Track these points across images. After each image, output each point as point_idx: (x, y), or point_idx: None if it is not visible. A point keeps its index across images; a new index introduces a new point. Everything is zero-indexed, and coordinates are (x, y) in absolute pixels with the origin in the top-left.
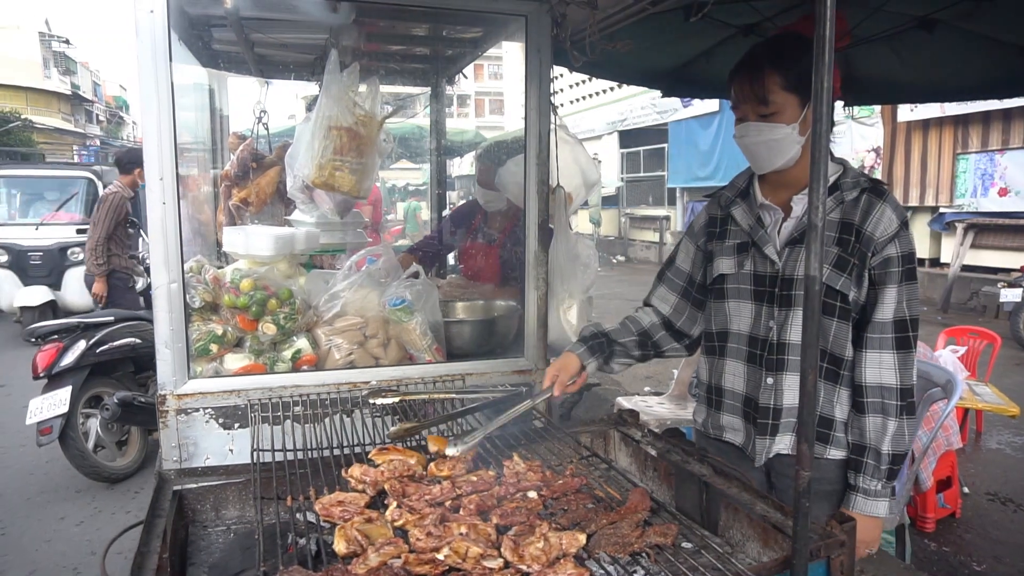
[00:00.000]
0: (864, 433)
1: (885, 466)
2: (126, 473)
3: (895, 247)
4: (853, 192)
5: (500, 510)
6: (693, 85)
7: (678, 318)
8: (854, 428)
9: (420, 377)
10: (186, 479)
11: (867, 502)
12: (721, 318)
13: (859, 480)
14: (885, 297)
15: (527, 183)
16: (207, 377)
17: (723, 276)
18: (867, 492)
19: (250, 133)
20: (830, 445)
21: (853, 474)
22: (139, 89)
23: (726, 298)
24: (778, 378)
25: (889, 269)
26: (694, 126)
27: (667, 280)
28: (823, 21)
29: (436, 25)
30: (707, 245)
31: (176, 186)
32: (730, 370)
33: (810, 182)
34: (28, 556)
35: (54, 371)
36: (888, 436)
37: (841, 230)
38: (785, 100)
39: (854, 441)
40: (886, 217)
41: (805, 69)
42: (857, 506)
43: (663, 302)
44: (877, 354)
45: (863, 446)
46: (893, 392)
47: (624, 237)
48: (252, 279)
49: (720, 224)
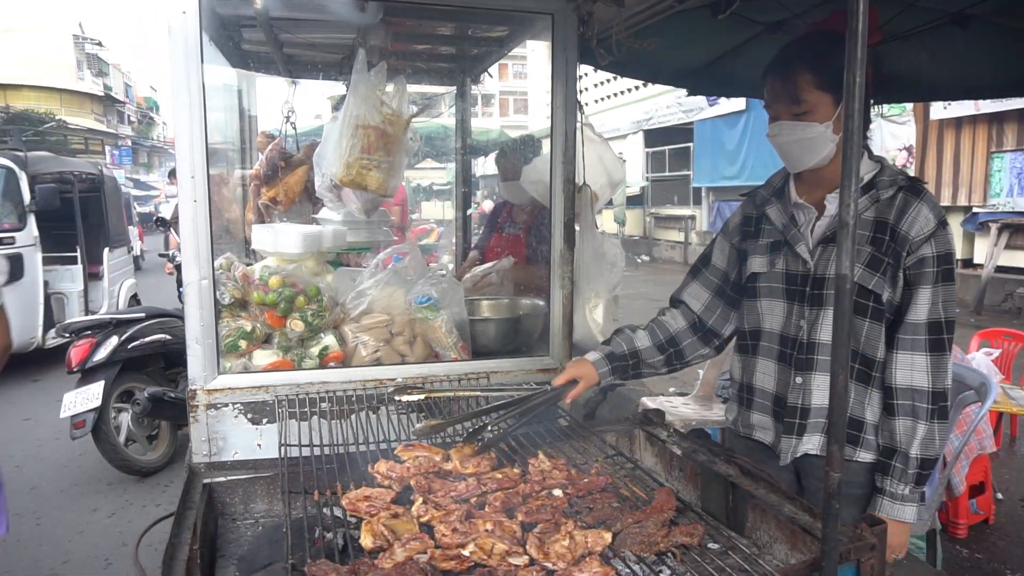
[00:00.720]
0: (894, 436)
1: (913, 470)
2: (156, 467)
3: (931, 247)
4: (889, 191)
5: (525, 508)
6: (720, 83)
7: (710, 316)
8: (884, 430)
9: (445, 375)
10: (216, 473)
11: (894, 506)
12: (754, 317)
13: (886, 483)
14: (919, 298)
15: (553, 181)
16: (236, 373)
17: (756, 275)
18: (894, 496)
19: (278, 132)
20: (860, 447)
21: (880, 477)
22: (171, 89)
23: (758, 297)
24: (807, 377)
25: (924, 269)
26: (720, 125)
27: (701, 277)
28: (856, 16)
29: (462, 24)
30: (741, 244)
31: (207, 184)
32: (761, 369)
33: (841, 180)
34: (62, 547)
35: (87, 366)
36: (917, 440)
37: (875, 229)
38: (818, 99)
39: (883, 444)
40: (922, 216)
41: (838, 67)
42: (884, 510)
43: (695, 299)
44: (909, 356)
45: (892, 449)
46: (924, 395)
47: (649, 237)
48: (281, 276)
49: (755, 223)
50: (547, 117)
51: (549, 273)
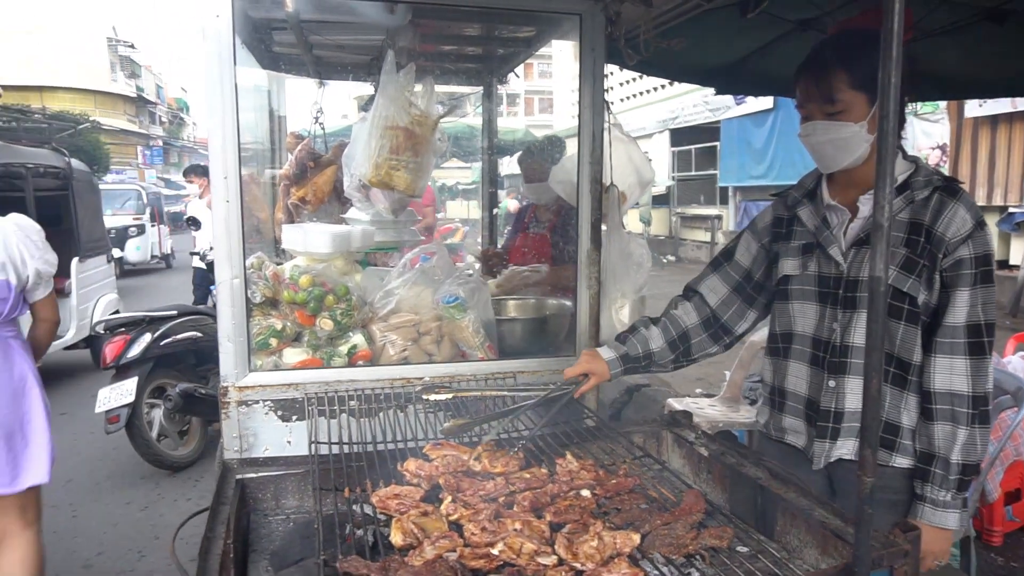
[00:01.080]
0: (932, 441)
1: (955, 476)
2: (187, 462)
3: (968, 248)
4: (924, 191)
5: (554, 508)
6: (748, 82)
7: (725, 311)
8: (922, 436)
9: (472, 374)
10: (248, 469)
11: (935, 513)
12: (785, 319)
13: (926, 490)
14: (957, 300)
15: (580, 182)
16: (267, 370)
17: (788, 277)
18: (935, 503)
19: (307, 133)
20: (896, 452)
21: (920, 483)
22: (204, 92)
23: (790, 299)
24: (840, 381)
25: (961, 271)
26: (747, 124)
27: (722, 271)
28: (891, 14)
29: (490, 25)
30: (772, 245)
31: (239, 185)
32: (793, 372)
33: (876, 181)
34: (96, 538)
35: (121, 362)
36: (958, 445)
37: (910, 231)
38: (852, 98)
39: (922, 449)
40: (959, 217)
41: (872, 66)
42: (925, 516)
43: (712, 292)
44: (948, 359)
45: (931, 455)
46: (964, 399)
47: (675, 236)
48: (311, 276)
49: (786, 224)
50: (573, 116)
51: (576, 273)
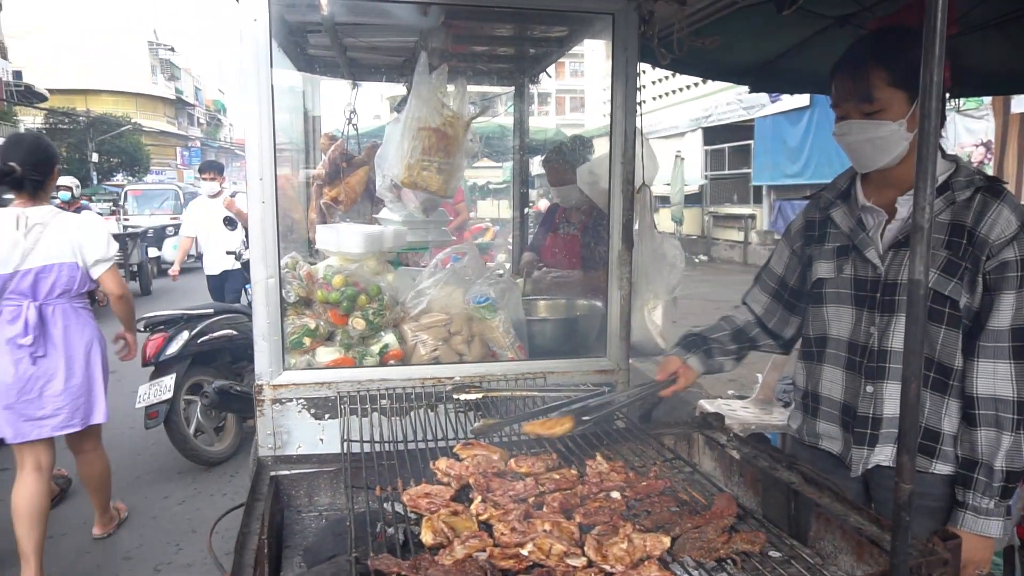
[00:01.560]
0: (975, 447)
1: (998, 483)
2: (222, 457)
3: (1013, 250)
4: (966, 192)
5: (583, 509)
6: (783, 80)
7: (770, 319)
8: (964, 442)
9: (502, 374)
10: (282, 466)
11: (977, 520)
12: (819, 323)
13: (969, 497)
14: (1002, 303)
15: (612, 182)
16: (300, 369)
17: (822, 280)
18: (977, 510)
19: (340, 134)
20: (936, 459)
21: (962, 491)
22: (242, 93)
23: (824, 303)
24: (878, 386)
25: (1006, 274)
26: (782, 122)
27: (760, 281)
28: (935, 10)
29: (522, 25)
30: (804, 249)
31: (275, 186)
32: (828, 376)
33: (915, 181)
34: (136, 531)
35: (160, 359)
36: (1002, 451)
37: (951, 232)
38: (891, 96)
39: (964, 456)
40: (1003, 218)
41: (912, 63)
42: (966, 524)
43: (755, 303)
44: (991, 364)
45: (974, 461)
46: (1009, 405)
47: (707, 236)
48: (343, 276)
49: (819, 227)
50: (604, 115)
51: (607, 274)
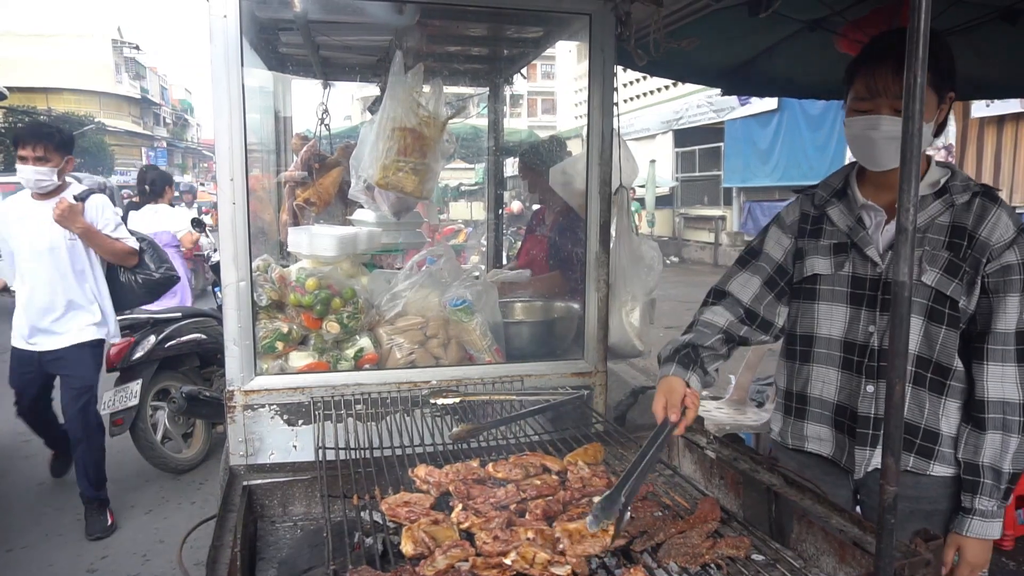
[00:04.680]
0: (979, 451)
1: (1004, 485)
2: (191, 464)
3: (1015, 253)
4: (964, 196)
5: (566, 515)
6: (755, 83)
7: (758, 306)
8: (968, 445)
9: (479, 378)
10: (255, 475)
11: (984, 524)
12: (808, 321)
13: (976, 502)
14: (1007, 307)
15: (589, 184)
16: (273, 374)
17: (817, 276)
18: (984, 514)
19: (312, 134)
20: (934, 460)
21: (970, 496)
22: (212, 93)
23: (816, 300)
24: (880, 386)
25: (1009, 277)
26: (752, 124)
27: (751, 267)
28: (918, 13)
29: (498, 25)
30: (798, 241)
31: (246, 187)
32: (819, 376)
33: (900, 183)
34: (101, 542)
35: (126, 364)
36: (1009, 454)
37: (952, 234)
38: (928, 98)
39: (967, 459)
40: (1002, 222)
41: (944, 68)
42: (973, 530)
43: (745, 289)
44: (999, 367)
45: (977, 464)
46: (1016, 407)
47: (678, 237)
48: (317, 278)
49: (812, 222)
50: (576, 117)
51: (584, 275)
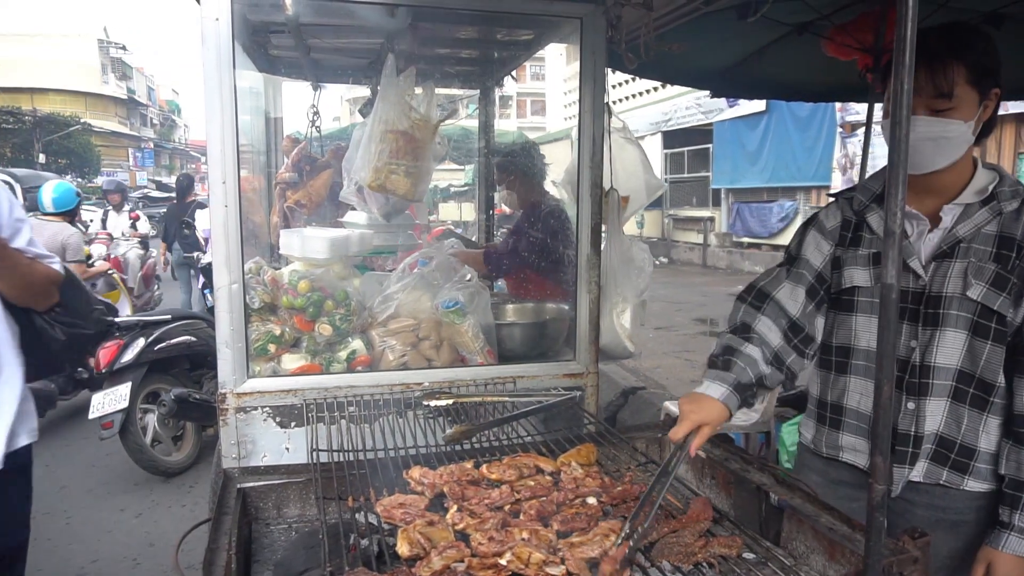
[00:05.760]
0: (1021, 467)
1: None
2: (181, 467)
3: None
4: (1013, 203)
5: (560, 516)
6: (743, 85)
7: (804, 320)
8: (1011, 460)
9: (472, 379)
10: (249, 477)
11: (1022, 542)
12: (845, 332)
13: (1016, 518)
14: None
15: (580, 186)
16: (265, 376)
17: (856, 288)
18: (1023, 531)
19: (303, 136)
20: (969, 476)
21: (1008, 511)
22: (203, 96)
23: (855, 311)
24: (920, 403)
25: None
26: (741, 126)
27: (793, 275)
28: (904, 21)
29: (490, 28)
30: (836, 249)
31: (238, 190)
32: (856, 388)
33: (887, 188)
34: (91, 546)
35: (115, 367)
36: None
37: (999, 245)
38: (966, 95)
39: (1010, 475)
40: None
41: (986, 64)
42: (1010, 546)
43: (792, 300)
44: None
45: (1019, 480)
46: None
47: (667, 238)
48: (309, 281)
49: (853, 229)
50: (566, 118)
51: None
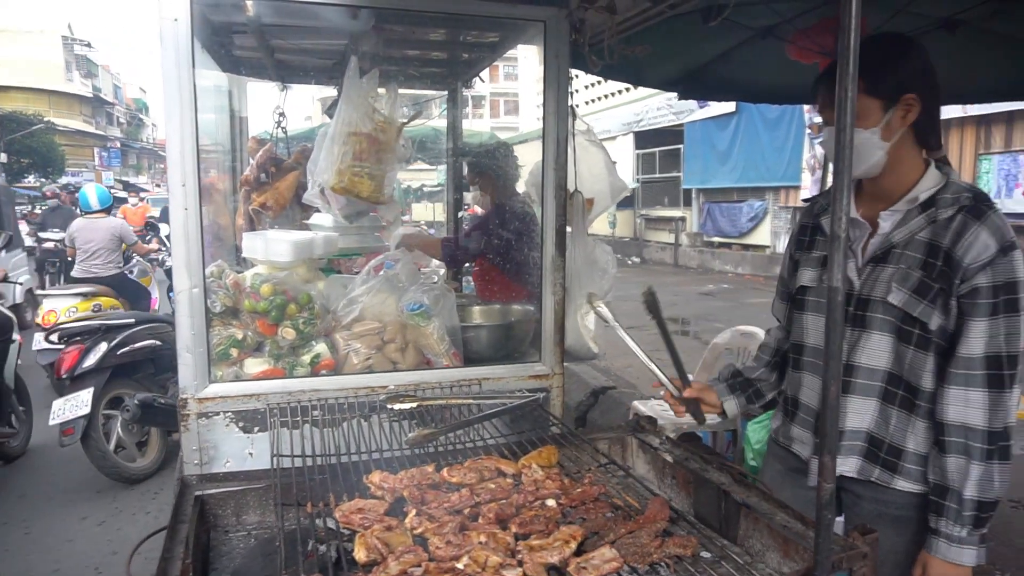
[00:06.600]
0: (946, 474)
1: (969, 512)
2: (146, 474)
3: (987, 276)
4: (949, 211)
5: (519, 519)
6: (710, 87)
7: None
8: (935, 467)
9: (437, 382)
10: (208, 485)
11: (950, 548)
12: (799, 330)
13: (940, 524)
14: (972, 331)
15: (544, 188)
16: (227, 381)
17: (805, 288)
18: (950, 538)
19: (269, 136)
20: (898, 475)
21: (935, 517)
22: (163, 96)
23: (805, 310)
24: (844, 400)
25: (977, 300)
26: (711, 127)
27: (778, 290)
28: (847, 30)
29: (454, 30)
30: (795, 254)
31: (198, 192)
32: (807, 384)
33: (833, 193)
34: (51, 555)
35: (76, 372)
36: (972, 480)
37: (928, 253)
38: (864, 104)
39: (935, 481)
40: (980, 242)
41: (887, 71)
42: (939, 551)
43: (779, 312)
44: (963, 391)
45: (945, 487)
46: (979, 434)
47: (639, 238)
48: (272, 284)
49: (809, 233)
50: (538, 119)
51: (541, 279)
